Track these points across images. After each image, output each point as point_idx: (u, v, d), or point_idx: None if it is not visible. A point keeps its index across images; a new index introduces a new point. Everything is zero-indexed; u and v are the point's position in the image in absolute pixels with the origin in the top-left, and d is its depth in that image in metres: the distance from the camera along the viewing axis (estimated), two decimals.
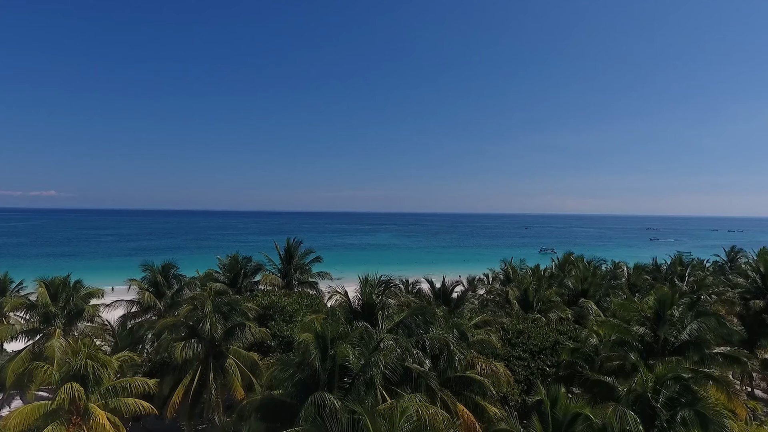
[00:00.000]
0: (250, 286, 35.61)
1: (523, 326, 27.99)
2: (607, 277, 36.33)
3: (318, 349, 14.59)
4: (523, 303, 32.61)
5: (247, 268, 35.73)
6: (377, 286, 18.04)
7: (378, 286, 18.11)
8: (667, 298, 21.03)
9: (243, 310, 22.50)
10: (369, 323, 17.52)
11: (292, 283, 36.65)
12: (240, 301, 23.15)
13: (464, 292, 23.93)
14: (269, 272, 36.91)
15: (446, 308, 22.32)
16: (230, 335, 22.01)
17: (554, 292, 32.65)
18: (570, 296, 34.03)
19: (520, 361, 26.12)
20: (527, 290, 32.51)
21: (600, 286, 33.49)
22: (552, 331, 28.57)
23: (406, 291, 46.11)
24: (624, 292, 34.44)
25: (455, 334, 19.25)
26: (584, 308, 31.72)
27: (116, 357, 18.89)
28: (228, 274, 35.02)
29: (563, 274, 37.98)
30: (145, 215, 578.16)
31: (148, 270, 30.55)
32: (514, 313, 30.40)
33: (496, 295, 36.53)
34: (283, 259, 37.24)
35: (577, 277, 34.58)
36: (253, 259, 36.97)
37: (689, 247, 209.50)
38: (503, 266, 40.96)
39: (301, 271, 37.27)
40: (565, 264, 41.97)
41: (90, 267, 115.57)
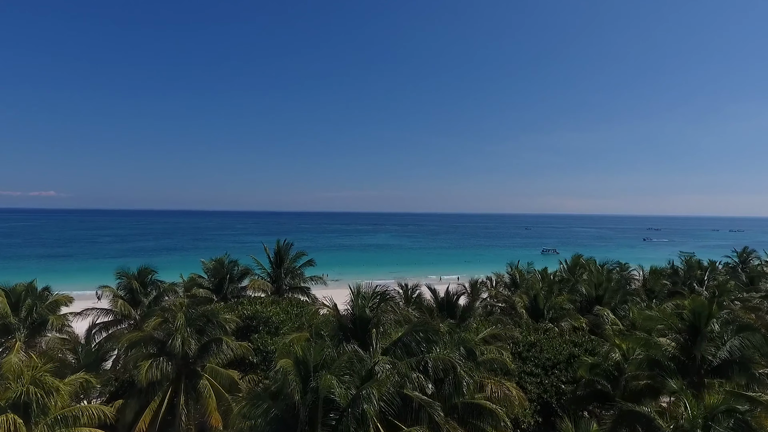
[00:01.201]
0: (236, 292, 32.94)
1: (534, 338, 25.39)
2: (621, 282, 33.66)
3: (298, 378, 12.00)
4: (533, 311, 29.98)
5: (233, 272, 33.06)
6: (371, 298, 15.39)
7: (372, 298, 15.46)
8: (704, 310, 18.39)
9: (220, 322, 19.87)
10: (362, 342, 14.93)
11: (282, 288, 33.98)
12: (217, 313, 20.50)
13: (471, 302, 21.20)
14: (258, 277, 34.27)
15: (451, 320, 19.65)
16: (205, 352, 19.38)
17: (566, 299, 30.00)
18: (583, 303, 31.40)
19: (531, 377, 23.50)
20: (537, 297, 29.88)
21: (615, 292, 30.83)
22: (566, 342, 25.97)
23: (405, 298, 43.48)
24: (641, 298, 31.79)
25: (462, 352, 16.64)
26: (599, 317, 29.13)
27: (69, 380, 16.24)
28: (213, 279, 32.37)
29: (574, 279, 35.32)
30: (145, 215, 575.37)
31: (122, 276, 27.87)
32: (523, 322, 27.77)
33: (503, 302, 33.86)
34: (273, 262, 34.55)
35: (590, 282, 31.93)
36: (241, 263, 34.34)
37: (692, 247, 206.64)
38: (509, 270, 38.28)
39: (292, 276, 34.58)
40: (575, 267, 39.26)
41: (82, 268, 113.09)
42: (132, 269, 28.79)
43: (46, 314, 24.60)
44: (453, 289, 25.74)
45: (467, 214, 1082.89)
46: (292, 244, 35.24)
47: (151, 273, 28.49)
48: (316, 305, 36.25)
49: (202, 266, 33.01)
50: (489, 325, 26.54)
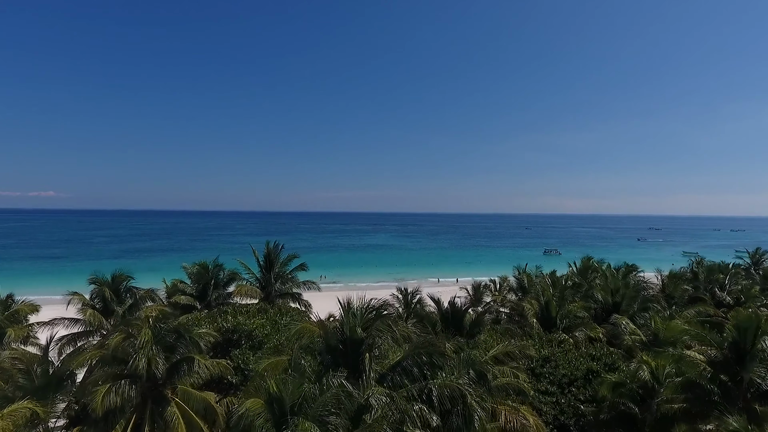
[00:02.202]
0: (222, 299, 30.35)
1: (548, 351, 22.88)
2: (638, 288, 31.07)
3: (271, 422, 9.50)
4: (544, 319, 27.44)
5: (218, 277, 30.48)
6: (365, 313, 12.85)
7: (366, 313, 12.91)
8: (752, 324, 15.90)
9: (194, 338, 17.34)
10: (353, 367, 12.44)
11: (272, 294, 31.41)
12: (191, 327, 17.96)
13: (481, 315, 18.58)
14: (247, 282, 31.70)
15: (458, 336, 17.10)
16: (175, 372, 16.87)
17: (580, 306, 27.46)
18: (598, 311, 28.85)
19: (546, 396, 21.00)
20: (549, 304, 27.33)
21: (633, 299, 28.26)
22: (582, 356, 23.46)
23: (405, 304, 40.98)
24: (660, 305, 29.24)
25: (471, 375, 14.16)
26: (617, 326, 26.60)
27: (9, 411, 13.73)
28: (196, 284, 29.80)
29: (587, 284, 32.77)
30: (143, 216, 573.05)
31: (94, 282, 25.30)
32: (535, 332, 25.24)
33: (511, 309, 31.32)
34: (262, 266, 31.97)
35: (606, 288, 29.36)
36: (229, 267, 31.78)
37: (695, 247, 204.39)
38: (516, 273, 35.72)
39: (283, 281, 31.98)
40: (586, 271, 36.64)
41: (76, 270, 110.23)
42: (106, 275, 26.25)
43: (5, 325, 22.05)
44: (459, 299, 23.14)
45: (467, 214, 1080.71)
46: (283, 246, 32.64)
47: (126, 279, 25.90)
48: (308, 312, 33.82)
49: (185, 271, 30.44)
50: (497, 336, 24.09)
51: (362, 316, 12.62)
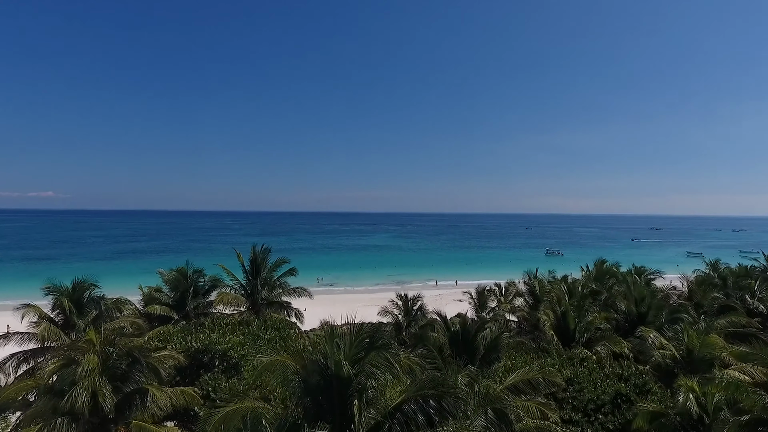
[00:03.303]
0: (202, 308, 27.37)
1: (570, 371, 19.91)
2: (659, 295, 28.01)
3: None
4: (561, 331, 24.48)
5: (198, 284, 27.48)
6: (355, 342, 9.76)
7: (357, 341, 9.82)
8: None
9: (152, 364, 14.40)
10: (340, 414, 9.48)
11: (258, 302, 28.41)
12: (148, 351, 15.00)
13: (498, 336, 15.43)
14: (231, 289, 28.68)
15: (470, 364, 14.10)
16: (127, 406, 13.93)
17: (602, 318, 24.47)
18: (620, 322, 25.85)
19: (571, 426, 18.03)
20: (566, 314, 24.37)
21: (661, 309, 25.26)
22: (609, 376, 20.50)
23: (405, 311, 38.05)
24: (689, 315, 26.22)
25: (489, 416, 11.21)
26: (644, 340, 23.64)
27: None
28: (173, 293, 26.80)
29: (606, 291, 29.78)
30: (142, 216, 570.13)
31: (52, 291, 22.24)
32: (553, 348, 22.27)
33: (522, 318, 28.35)
34: (248, 272, 28.93)
35: (629, 296, 26.36)
36: (210, 273, 28.79)
37: (699, 247, 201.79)
38: (527, 279, 32.70)
39: (270, 288, 28.95)
40: (603, 276, 33.57)
41: (67, 272, 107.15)
42: (66, 282, 23.23)
43: None
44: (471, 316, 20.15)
45: (466, 214, 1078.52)
46: (271, 250, 29.59)
47: (89, 288, 22.83)
48: (300, 320, 30.85)
49: (161, 277, 27.43)
50: (509, 351, 21.09)
51: (352, 346, 9.67)
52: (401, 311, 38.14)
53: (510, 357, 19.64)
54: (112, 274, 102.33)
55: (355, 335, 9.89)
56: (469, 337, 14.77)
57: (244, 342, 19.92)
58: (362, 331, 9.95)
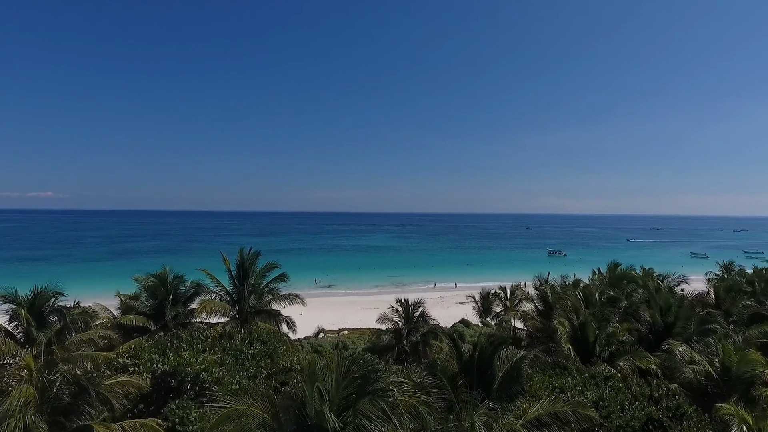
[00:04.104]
0: (183, 318, 24.89)
1: (595, 393, 17.46)
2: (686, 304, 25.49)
3: None
4: (580, 345, 22.03)
5: (178, 291, 24.99)
6: (344, 382, 7.27)
7: (347, 381, 7.32)
8: None
9: (104, 395, 11.96)
10: None
11: (245, 311, 25.91)
12: (99, 378, 12.53)
13: (518, 364, 12.83)
14: (216, 296, 26.19)
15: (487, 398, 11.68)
16: None
17: (625, 329, 22.02)
18: (643, 333, 23.35)
19: None
20: (585, 326, 21.91)
21: (689, 319, 22.78)
22: (637, 397, 18.06)
23: (405, 317, 35.65)
24: (719, 324, 23.74)
25: None
26: (672, 353, 21.22)
27: None
28: (151, 301, 24.32)
29: (625, 299, 27.27)
30: (141, 216, 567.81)
31: (8, 300, 19.72)
32: (572, 364, 19.82)
33: (534, 328, 25.88)
34: (235, 277, 26.43)
35: (654, 304, 23.84)
36: (193, 278, 26.29)
37: (702, 247, 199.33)
38: (537, 284, 30.21)
39: (258, 295, 26.44)
40: (620, 281, 31.00)
41: (59, 273, 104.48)
42: (28, 291, 20.77)
43: None
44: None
45: (466, 214, 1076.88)
46: (260, 254, 27.05)
47: (52, 296, 20.35)
48: (291, 330, 28.37)
49: (137, 283, 24.94)
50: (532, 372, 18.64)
51: (339, 388, 7.25)
52: (401, 318, 35.77)
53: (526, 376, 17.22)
54: (105, 276, 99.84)
55: (343, 373, 7.45)
56: (484, 362, 12.36)
57: (224, 360, 17.49)
58: (352, 369, 7.49)
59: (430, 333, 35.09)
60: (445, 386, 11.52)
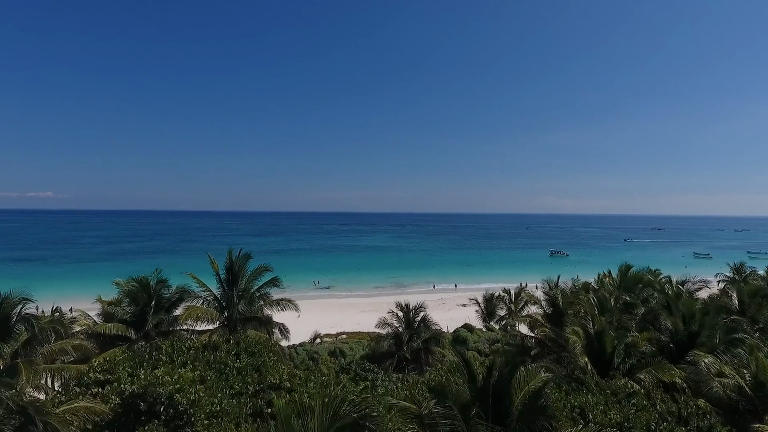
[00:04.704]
0: (167, 325, 23.10)
1: (617, 413, 15.67)
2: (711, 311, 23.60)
3: None
4: (596, 356, 20.24)
5: (162, 296, 23.21)
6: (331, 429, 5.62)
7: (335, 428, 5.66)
8: None
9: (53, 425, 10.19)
10: None
11: (234, 318, 24.12)
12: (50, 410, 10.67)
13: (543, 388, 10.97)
14: (204, 301, 24.38)
15: None
16: None
17: (645, 338, 20.23)
18: (664, 343, 21.53)
19: None
20: (602, 335, 20.11)
21: (715, 327, 20.99)
22: (664, 416, 16.27)
23: (406, 323, 33.89)
24: (745, 331, 21.95)
25: None
26: (697, 365, 19.45)
27: None
28: (132, 307, 22.53)
29: (641, 304, 25.45)
30: (141, 216, 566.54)
31: None
32: (591, 379, 18.01)
33: (545, 337, 24.06)
34: (223, 281, 24.62)
35: (675, 311, 22.01)
36: (177, 283, 24.50)
37: (704, 248, 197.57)
38: (546, 288, 28.37)
39: (249, 301, 24.61)
40: (635, 285, 29.13)
41: (51, 275, 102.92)
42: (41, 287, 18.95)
43: None
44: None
45: (466, 214, 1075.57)
46: (250, 256, 25.24)
47: (19, 303, 18.50)
48: (284, 336, 26.62)
49: (118, 288, 23.14)
50: None
51: None
52: (402, 323, 34.05)
53: None
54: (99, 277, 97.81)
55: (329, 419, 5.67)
56: (502, 386, 10.57)
57: (205, 375, 15.70)
58: (342, 411, 5.72)
59: (432, 339, 33.37)
60: (456, 416, 9.76)
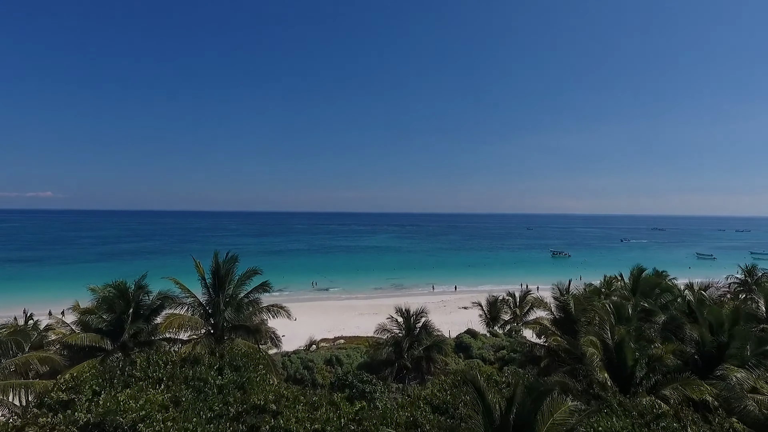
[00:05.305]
0: (146, 335, 21.21)
1: None
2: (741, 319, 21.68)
3: None
4: (615, 369, 18.37)
5: (141, 303, 21.33)
6: None
7: None
8: None
9: None
10: None
11: (221, 326, 22.23)
12: None
13: (576, 427, 9.34)
14: (188, 308, 22.50)
15: None
16: None
17: (669, 350, 18.36)
18: (691, 356, 19.65)
19: None
20: (622, 346, 18.24)
21: (747, 338, 19.10)
22: None
23: (406, 329, 32.02)
24: None
25: None
26: (726, 380, 17.60)
27: None
28: (108, 315, 20.65)
29: (660, 310, 23.56)
30: (141, 216, 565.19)
31: None
32: (613, 398, 16.15)
33: (559, 348, 22.16)
34: (209, 286, 22.74)
35: (701, 319, 20.13)
36: (158, 288, 22.59)
37: (707, 248, 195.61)
38: (556, 293, 26.46)
39: (236, 308, 22.72)
40: (651, 289, 27.15)
41: (45, 276, 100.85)
42: None
43: None
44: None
45: (465, 214, 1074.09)
46: (238, 259, 23.33)
47: None
48: (275, 345, 24.76)
49: (93, 294, 21.24)
50: None
51: None
52: (402, 329, 32.18)
53: None
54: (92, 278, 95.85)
55: None
56: (524, 422, 8.74)
57: (180, 395, 13.84)
58: None
59: (434, 346, 31.49)
60: None
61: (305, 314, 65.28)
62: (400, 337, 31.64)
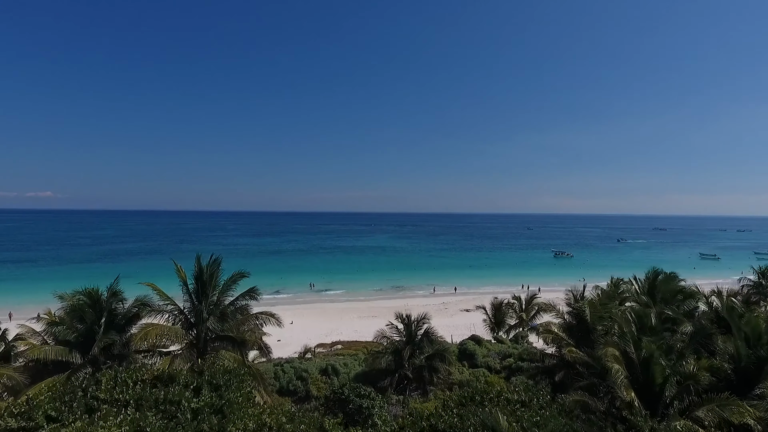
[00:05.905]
0: (121, 347, 19.20)
1: None
2: None
3: None
4: (641, 387, 16.37)
5: (116, 312, 19.32)
6: None
7: None
8: None
9: None
10: None
11: (203, 337, 20.23)
12: None
13: None
14: (170, 316, 20.49)
15: None
16: None
17: (704, 367, 16.37)
18: (726, 372, 17.62)
19: None
20: (650, 362, 16.26)
21: None
22: None
23: (407, 336, 30.04)
24: None
25: None
26: (765, 400, 15.61)
27: None
28: (77, 326, 18.64)
29: (686, 320, 21.55)
30: (140, 216, 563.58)
31: None
32: (640, 421, 14.16)
33: (576, 361, 20.13)
34: (192, 293, 20.75)
35: (736, 331, 18.12)
36: (132, 295, 20.59)
37: (709, 248, 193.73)
38: (570, 298, 24.42)
39: (220, 316, 20.69)
40: (673, 296, 25.09)
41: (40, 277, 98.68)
42: None
43: None
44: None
45: (465, 214, 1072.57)
46: (220, 262, 21.29)
47: None
48: (266, 355, 22.76)
49: (62, 302, 19.23)
50: None
51: None
52: (402, 336, 30.21)
53: None
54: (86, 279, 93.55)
55: None
56: None
57: (144, 426, 11.89)
58: None
59: (437, 355, 29.49)
60: None
61: (302, 317, 63.25)
62: (401, 345, 29.66)
